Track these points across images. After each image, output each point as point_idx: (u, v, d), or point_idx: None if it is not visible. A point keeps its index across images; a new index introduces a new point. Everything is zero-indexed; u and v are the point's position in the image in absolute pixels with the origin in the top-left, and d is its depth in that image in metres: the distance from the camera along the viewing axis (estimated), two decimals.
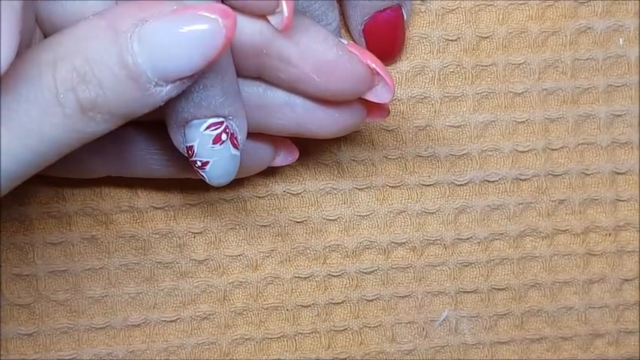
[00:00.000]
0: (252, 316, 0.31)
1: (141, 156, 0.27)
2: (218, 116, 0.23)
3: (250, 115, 0.25)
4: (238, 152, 0.24)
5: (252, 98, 0.25)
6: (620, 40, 0.31)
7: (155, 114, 0.22)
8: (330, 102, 0.25)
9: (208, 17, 0.20)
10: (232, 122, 0.23)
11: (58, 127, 0.20)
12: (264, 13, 0.23)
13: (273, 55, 0.24)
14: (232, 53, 0.23)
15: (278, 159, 0.28)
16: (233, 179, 0.25)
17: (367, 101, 0.26)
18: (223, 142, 0.23)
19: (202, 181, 0.25)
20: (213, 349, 0.31)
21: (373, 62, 0.25)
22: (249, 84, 0.25)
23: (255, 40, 0.23)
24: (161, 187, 0.30)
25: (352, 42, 0.26)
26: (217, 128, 0.23)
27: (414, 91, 0.30)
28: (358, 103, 0.26)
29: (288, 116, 0.25)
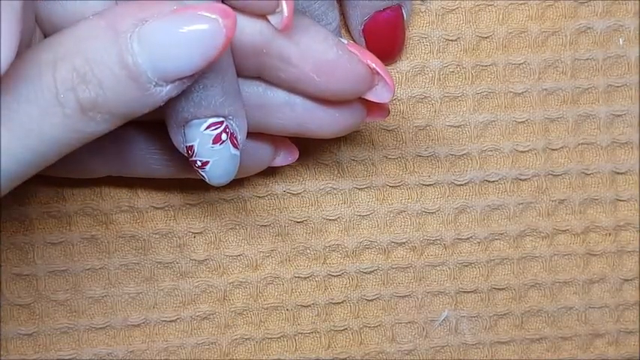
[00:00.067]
0: (252, 316, 0.31)
1: (141, 156, 0.27)
2: (218, 116, 0.23)
3: (250, 115, 0.25)
4: (238, 152, 0.24)
5: (252, 98, 0.25)
6: (620, 40, 0.31)
7: (155, 114, 0.22)
8: (330, 102, 0.25)
9: (208, 17, 0.20)
10: (232, 122, 0.23)
11: (58, 127, 0.20)
12: (264, 13, 0.23)
13: (273, 55, 0.24)
14: (232, 53, 0.23)
15: (278, 159, 0.28)
16: (233, 179, 0.25)
17: (367, 101, 0.26)
18: (223, 142, 0.23)
19: (202, 181, 0.25)
20: (213, 349, 0.31)
21: (373, 62, 0.25)
22: (249, 84, 0.25)
23: (255, 40, 0.23)
24: (161, 187, 0.30)
25: (352, 42, 0.26)
26: (217, 128, 0.23)
27: (414, 91, 0.30)
28: (358, 103, 0.26)
29: (288, 116, 0.25)
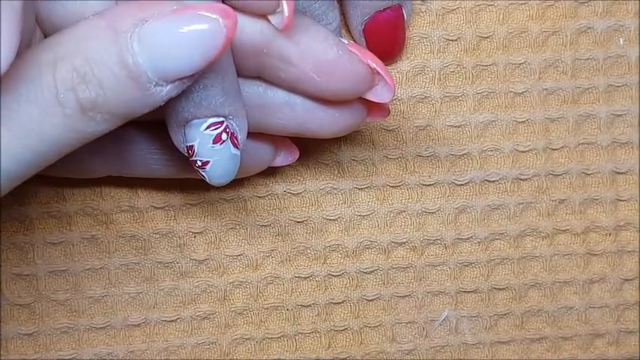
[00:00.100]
0: (252, 316, 0.31)
1: (141, 156, 0.27)
2: (218, 116, 0.23)
3: (250, 115, 0.25)
4: (238, 152, 0.24)
5: (252, 98, 0.25)
6: (620, 40, 0.31)
7: (155, 114, 0.22)
8: (331, 102, 0.25)
9: (209, 17, 0.20)
10: (232, 122, 0.23)
11: (58, 127, 0.20)
12: (264, 13, 0.23)
13: (273, 55, 0.24)
14: (233, 53, 0.23)
15: (278, 159, 0.28)
16: (233, 179, 0.25)
17: (367, 101, 0.26)
18: (223, 142, 0.23)
19: (203, 181, 0.25)
20: (213, 349, 0.31)
21: (373, 62, 0.25)
22: (249, 84, 0.25)
23: (255, 40, 0.23)
24: (161, 187, 0.30)
25: (352, 42, 0.26)
26: (217, 128, 0.23)
27: (415, 91, 0.30)
28: (358, 103, 0.26)
29: (288, 116, 0.25)
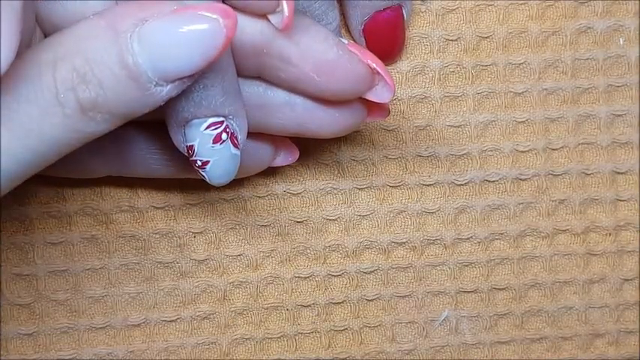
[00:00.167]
0: (252, 316, 0.31)
1: (141, 156, 0.27)
2: (218, 116, 0.23)
3: (250, 115, 0.25)
4: (238, 152, 0.24)
5: (252, 98, 0.25)
6: (620, 40, 0.31)
7: (155, 114, 0.22)
8: (331, 102, 0.25)
9: (209, 17, 0.20)
10: (232, 122, 0.23)
11: (58, 127, 0.20)
12: (264, 13, 0.23)
13: (273, 55, 0.24)
14: (233, 53, 0.23)
15: (278, 159, 0.28)
16: (233, 179, 0.25)
17: (367, 101, 0.26)
18: (223, 142, 0.23)
19: (202, 181, 0.25)
20: (213, 349, 0.31)
21: (373, 62, 0.25)
22: (249, 84, 0.25)
23: (255, 40, 0.23)
24: (161, 187, 0.30)
25: (352, 42, 0.26)
26: (217, 128, 0.23)
27: (414, 91, 0.30)
28: (358, 103, 0.26)
29: (288, 116, 0.25)
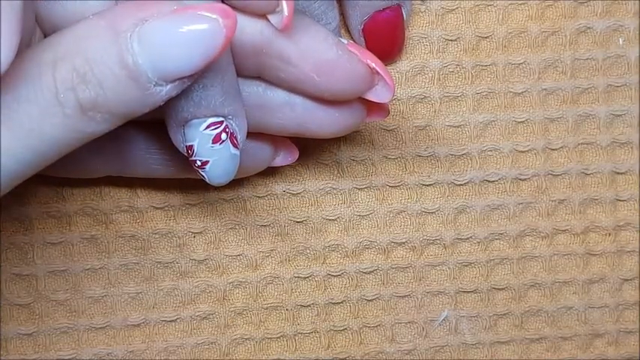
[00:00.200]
0: (251, 316, 0.31)
1: (141, 156, 0.27)
2: (218, 116, 0.23)
3: (250, 115, 0.25)
4: (238, 152, 0.24)
5: (252, 98, 0.25)
6: (619, 40, 0.31)
7: (155, 113, 0.22)
8: (330, 102, 0.25)
9: (208, 17, 0.20)
10: (232, 122, 0.23)
11: (58, 127, 0.20)
12: (264, 13, 0.23)
13: (273, 55, 0.24)
14: (232, 53, 0.23)
15: (278, 159, 0.28)
16: (233, 179, 0.25)
17: (367, 101, 0.26)
18: (223, 142, 0.23)
19: (202, 181, 0.25)
20: (212, 349, 0.31)
21: (373, 62, 0.25)
22: (249, 84, 0.25)
23: (255, 40, 0.23)
24: (161, 187, 0.30)
25: (352, 42, 0.26)
26: (217, 128, 0.23)
27: (414, 91, 0.30)
28: (358, 103, 0.26)
29: (288, 116, 0.25)
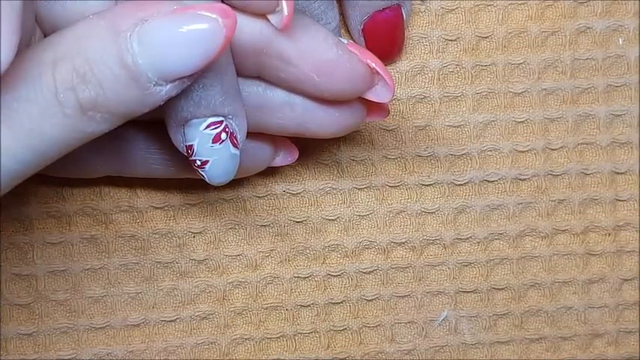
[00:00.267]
0: (251, 316, 0.31)
1: (141, 156, 0.27)
2: (218, 115, 0.23)
3: (250, 115, 0.25)
4: (238, 151, 0.24)
5: (252, 98, 0.25)
6: (619, 40, 0.31)
7: (155, 113, 0.22)
8: (330, 102, 0.25)
9: (208, 17, 0.20)
10: (232, 121, 0.23)
11: (58, 127, 0.20)
12: (264, 13, 0.23)
13: (273, 55, 0.24)
14: (232, 53, 0.23)
15: (278, 159, 0.28)
16: (232, 179, 0.25)
17: (367, 101, 0.26)
18: (223, 142, 0.23)
19: (202, 181, 0.25)
20: (212, 349, 0.31)
21: (373, 62, 0.25)
22: (249, 83, 0.25)
23: (255, 40, 0.23)
24: (161, 187, 0.30)
25: (352, 41, 0.26)
26: (217, 127, 0.23)
27: (414, 91, 0.30)
28: (358, 103, 0.26)
29: (288, 116, 0.25)
